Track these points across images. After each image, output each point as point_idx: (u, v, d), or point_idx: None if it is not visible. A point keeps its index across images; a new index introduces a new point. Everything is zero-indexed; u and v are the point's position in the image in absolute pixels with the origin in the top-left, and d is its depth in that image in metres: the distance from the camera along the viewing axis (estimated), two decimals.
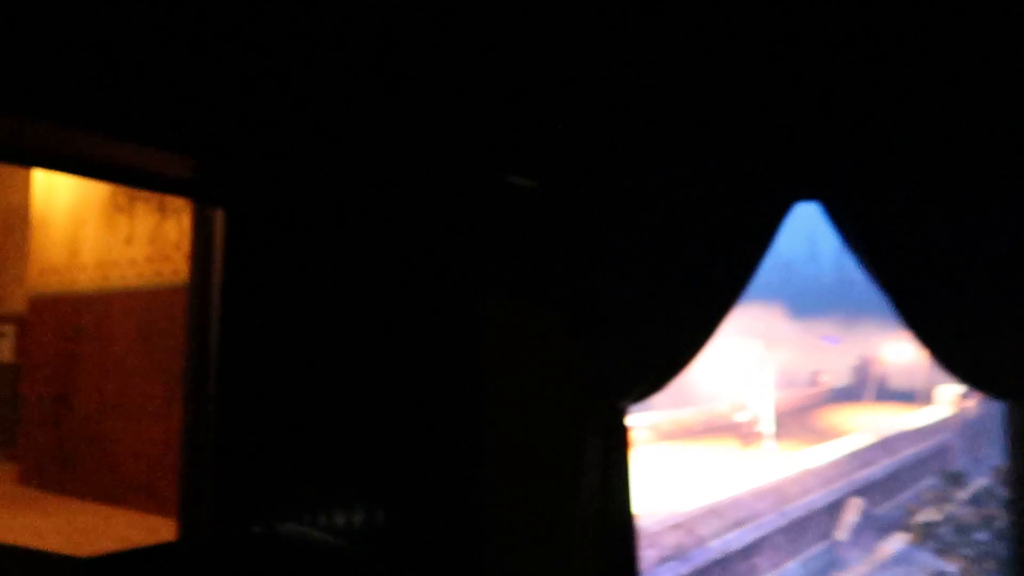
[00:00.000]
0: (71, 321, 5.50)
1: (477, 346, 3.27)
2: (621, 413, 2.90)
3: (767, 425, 19.13)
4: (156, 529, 4.36)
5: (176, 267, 4.76)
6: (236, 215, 4.06)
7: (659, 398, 2.95)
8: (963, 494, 15.87)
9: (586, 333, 2.91)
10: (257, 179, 3.99)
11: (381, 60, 3.41)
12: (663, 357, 2.77)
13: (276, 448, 4.00)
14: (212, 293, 4.04)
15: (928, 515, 15.24)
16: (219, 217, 4.01)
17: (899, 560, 15.68)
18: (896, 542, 16.26)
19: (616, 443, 2.82)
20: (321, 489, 4.08)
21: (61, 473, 5.44)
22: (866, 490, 18.16)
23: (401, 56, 3.34)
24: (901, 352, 34.47)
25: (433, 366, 3.34)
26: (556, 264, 3.18)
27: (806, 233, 60.42)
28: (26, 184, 6.22)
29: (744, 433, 19.62)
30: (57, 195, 5.75)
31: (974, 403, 27.24)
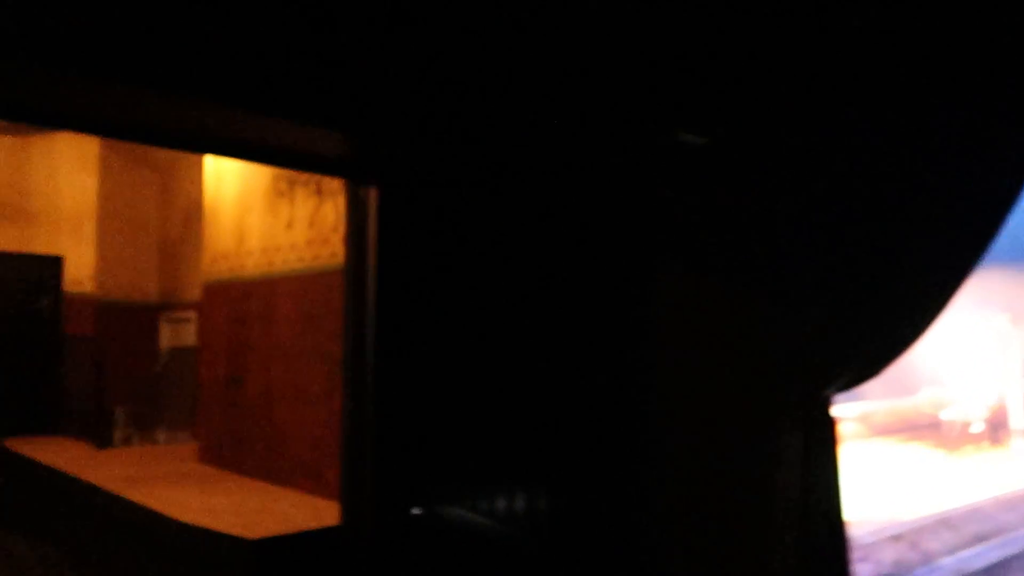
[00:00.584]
0: (240, 306, 5.66)
1: (647, 324, 2.93)
2: (826, 403, 2.47)
3: (983, 424, 15.44)
4: (321, 512, 4.36)
5: (334, 250, 4.74)
6: (390, 193, 3.93)
7: (872, 386, 2.49)
8: None
9: (781, 309, 2.50)
10: (410, 154, 3.84)
11: (536, 13, 3.13)
12: (878, 336, 2.31)
13: (436, 432, 3.86)
14: (367, 275, 3.94)
15: None
16: (372, 196, 3.90)
17: None
18: None
19: (820, 438, 2.40)
20: (482, 473, 3.89)
21: (235, 453, 5.63)
22: None
23: (557, 6, 3.05)
24: None
25: (599, 347, 3.04)
26: (739, 231, 2.78)
27: None
28: (201, 178, 6.49)
29: (952, 435, 15.91)
30: (225, 184, 5.94)
31: None
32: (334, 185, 4.75)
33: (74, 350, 7.92)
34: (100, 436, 7.05)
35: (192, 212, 8.59)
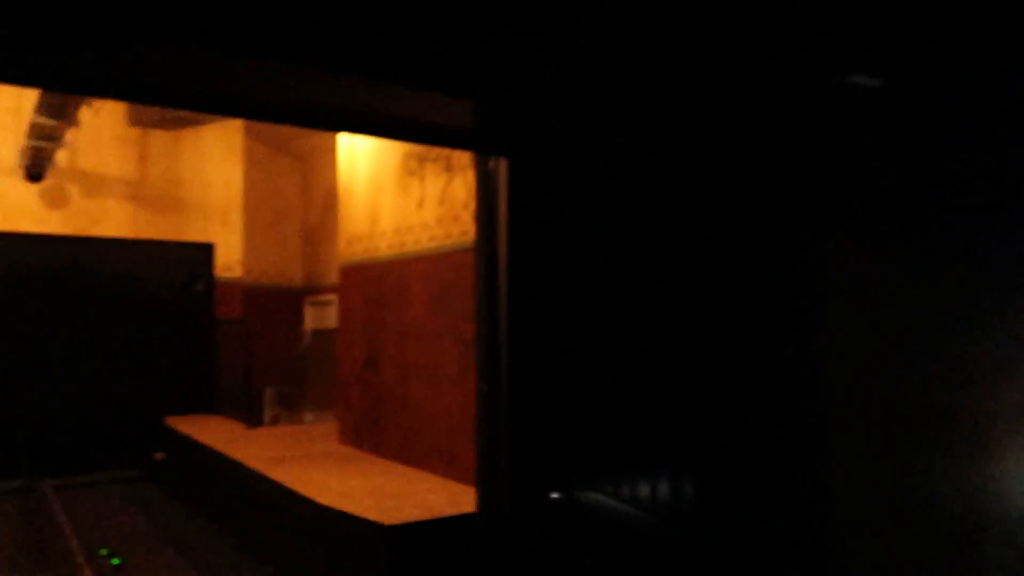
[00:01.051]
0: (375, 287, 5.65)
1: (812, 299, 2.56)
2: None
3: None
4: (457, 497, 4.24)
5: (465, 227, 4.59)
6: (521, 164, 3.71)
7: None
8: None
9: (979, 292, 2.07)
10: (542, 120, 3.60)
11: None
12: None
13: (574, 414, 3.63)
14: (499, 252, 3.75)
15: None
16: (502, 168, 3.69)
17: None
18: None
19: None
20: (623, 457, 3.62)
21: (373, 434, 5.64)
22: None
23: None
24: None
25: (756, 321, 2.68)
26: (922, 191, 2.35)
27: None
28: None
29: None
30: (358, 166, 5.94)
31: None
32: (464, 160, 4.60)
33: (225, 333, 8.29)
34: (250, 415, 7.33)
35: (331, 198, 8.76)
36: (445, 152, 4.81)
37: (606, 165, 3.49)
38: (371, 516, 3.79)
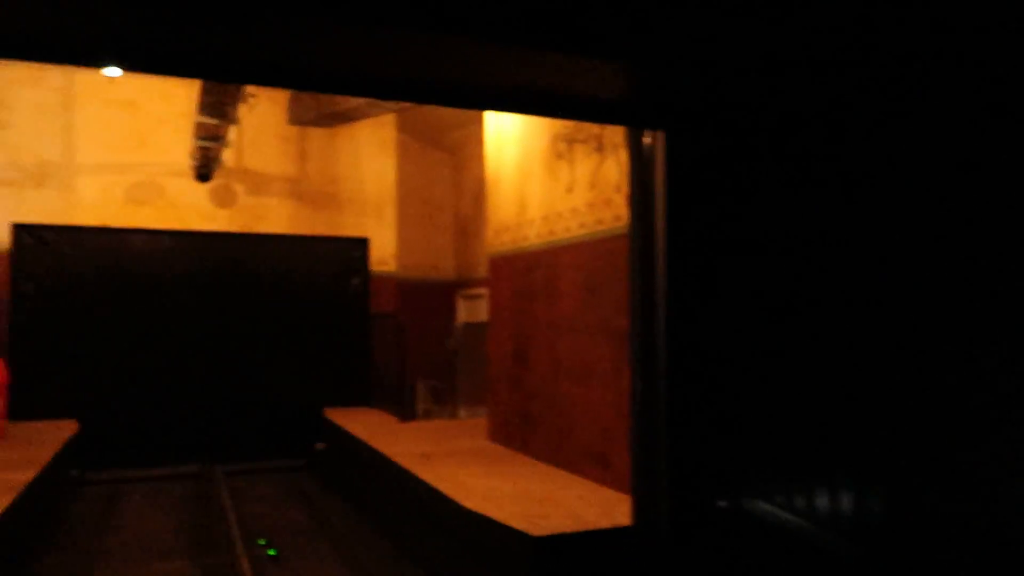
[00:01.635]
0: (524, 279, 5.38)
1: None
2: None
3: None
4: (610, 505, 3.88)
5: (617, 211, 4.21)
6: (679, 138, 3.28)
7: None
8: None
9: None
10: (704, 87, 3.15)
11: None
12: None
13: (740, 414, 3.19)
14: (655, 238, 3.34)
15: None
16: (659, 145, 3.28)
17: None
18: None
19: None
20: (798, 463, 3.13)
21: (522, 432, 5.38)
22: None
23: None
24: None
25: (997, 319, 2.14)
26: None
27: None
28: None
29: None
30: (505, 153, 5.70)
31: None
32: (616, 138, 4.21)
33: (379, 327, 8.35)
34: (403, 409, 7.32)
35: (482, 190, 8.64)
36: (595, 130, 4.45)
37: (786, 138, 2.99)
38: (517, 525, 3.50)
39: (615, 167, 4.25)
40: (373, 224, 8.92)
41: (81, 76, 7.69)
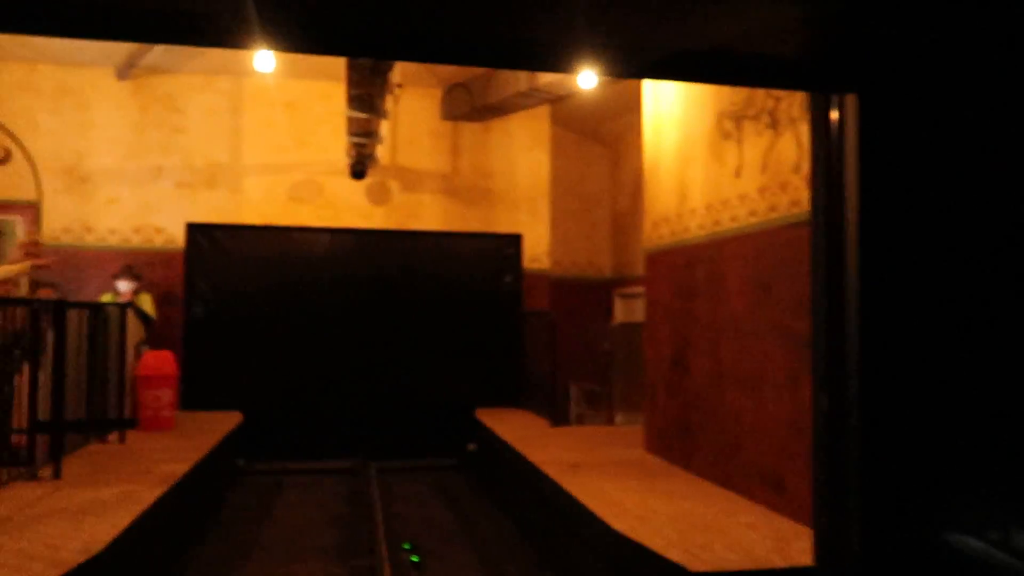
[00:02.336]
0: (684, 275, 4.88)
1: None
2: None
3: None
4: (785, 537, 3.33)
5: (795, 196, 3.63)
6: (877, 104, 2.70)
7: None
8: None
9: None
10: (911, 36, 2.57)
11: None
12: None
13: (946, 435, 2.61)
14: (845, 224, 2.76)
15: None
16: (851, 111, 2.71)
17: None
18: None
19: None
20: (1014, 494, 2.61)
21: (682, 444, 4.88)
22: None
23: None
24: None
25: None
26: None
27: None
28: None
29: None
30: (664, 135, 5.21)
31: None
32: (794, 110, 3.64)
33: (531, 326, 8.07)
34: (554, 412, 6.99)
35: (640, 184, 8.18)
36: (768, 104, 3.88)
37: (1011, 102, 2.37)
38: (674, 556, 3.05)
39: (792, 145, 3.68)
40: (526, 220, 8.66)
41: (247, 80, 7.96)
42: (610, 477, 4.58)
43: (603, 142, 9.75)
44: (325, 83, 7.96)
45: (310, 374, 8.01)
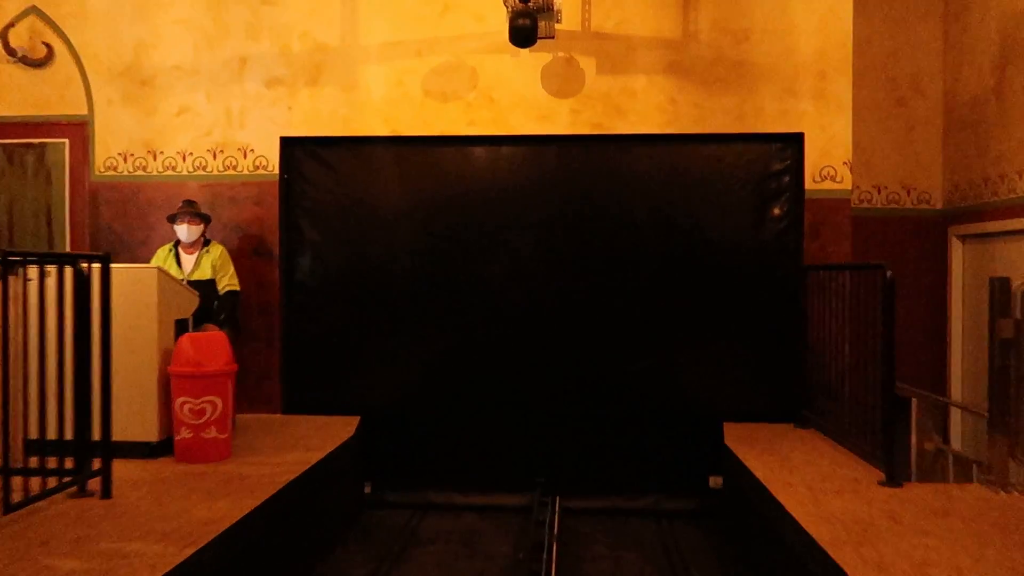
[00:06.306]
0: None
1: None
2: None
3: None
4: None
5: None
6: None
7: None
8: None
9: None
10: None
11: None
12: None
13: None
14: None
15: None
16: None
17: None
18: None
19: None
20: None
21: None
22: None
23: None
24: None
25: None
26: None
27: None
28: None
29: None
30: None
31: None
32: None
33: (815, 286, 4.66)
34: (890, 457, 3.62)
35: (1006, 53, 4.46)
36: None
37: None
38: None
39: None
40: (810, 111, 5.20)
41: None
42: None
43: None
44: None
45: (463, 362, 5.23)
